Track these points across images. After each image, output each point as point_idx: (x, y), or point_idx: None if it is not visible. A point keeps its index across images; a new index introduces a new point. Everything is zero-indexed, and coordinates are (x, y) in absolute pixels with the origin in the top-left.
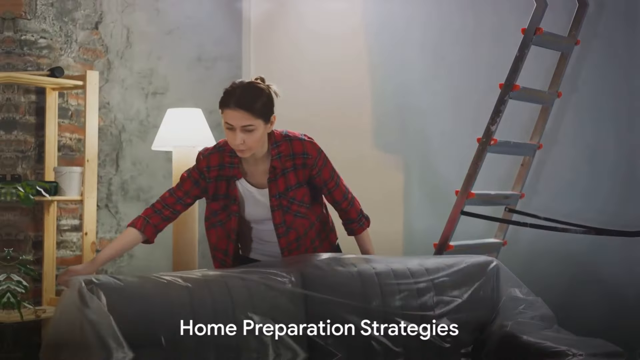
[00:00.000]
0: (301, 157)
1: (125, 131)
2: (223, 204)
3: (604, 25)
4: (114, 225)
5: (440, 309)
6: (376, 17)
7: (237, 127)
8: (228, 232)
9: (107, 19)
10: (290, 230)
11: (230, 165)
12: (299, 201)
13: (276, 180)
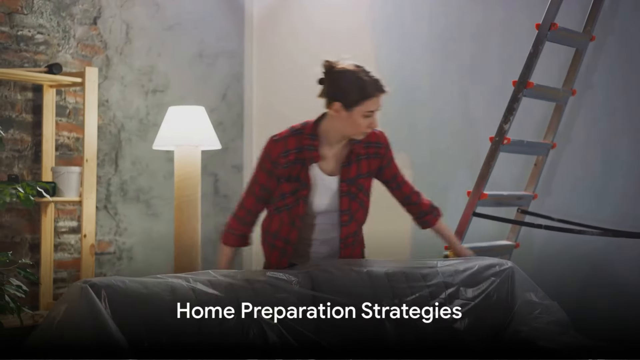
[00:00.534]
0: (374, 146)
1: (125, 130)
2: (294, 187)
3: (619, 21)
4: (113, 227)
5: (455, 311)
6: (383, 12)
7: (376, 110)
8: (293, 218)
9: (106, 14)
10: (352, 220)
11: (310, 148)
12: (365, 191)
13: (349, 166)
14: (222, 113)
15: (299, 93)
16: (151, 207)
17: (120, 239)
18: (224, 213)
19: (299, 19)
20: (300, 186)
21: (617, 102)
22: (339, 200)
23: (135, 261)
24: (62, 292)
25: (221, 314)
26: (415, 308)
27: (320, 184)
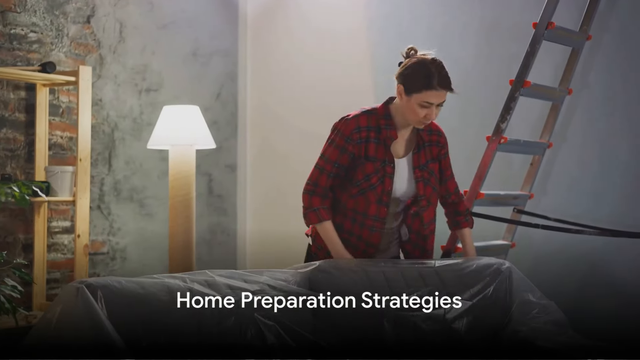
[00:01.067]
0: (436, 134)
1: (118, 129)
2: (377, 166)
3: (615, 20)
4: (106, 227)
5: (452, 313)
6: (380, 11)
7: (435, 104)
8: (380, 196)
9: (100, 13)
10: (429, 205)
11: (387, 127)
12: (435, 175)
13: (419, 152)
14: (216, 112)
15: (294, 92)
16: (145, 207)
17: (113, 239)
18: (218, 213)
19: (295, 18)
20: (384, 164)
21: (613, 101)
22: (416, 186)
23: (129, 261)
24: (55, 292)
25: (219, 313)
26: (414, 308)
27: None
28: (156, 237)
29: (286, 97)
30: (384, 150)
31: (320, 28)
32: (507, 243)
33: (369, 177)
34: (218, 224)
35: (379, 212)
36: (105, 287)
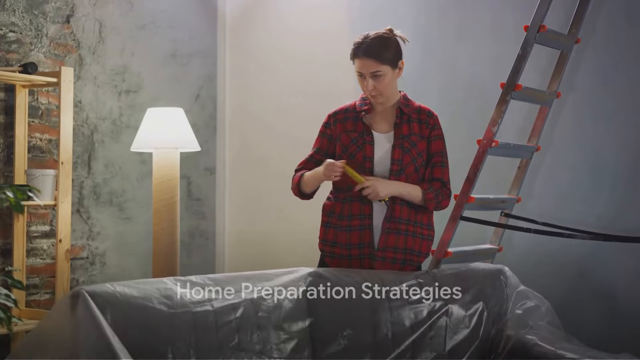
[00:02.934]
0: (426, 114)
1: (98, 131)
2: (354, 137)
3: (601, 23)
4: (85, 232)
5: (451, 317)
6: (362, 12)
7: (366, 74)
8: (362, 162)
9: (79, 12)
10: (402, 174)
11: (362, 105)
12: (419, 151)
13: (401, 126)
14: (195, 114)
15: (274, 94)
16: (124, 211)
17: (93, 243)
18: (197, 217)
19: (274, 19)
20: (360, 135)
21: (599, 104)
22: (392, 151)
23: (108, 266)
24: (34, 299)
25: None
26: (411, 312)
27: (375, 138)
28: (136, 241)
29: (266, 99)
30: (361, 124)
31: (300, 29)
32: (495, 247)
33: (347, 148)
34: (197, 228)
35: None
36: (104, 294)
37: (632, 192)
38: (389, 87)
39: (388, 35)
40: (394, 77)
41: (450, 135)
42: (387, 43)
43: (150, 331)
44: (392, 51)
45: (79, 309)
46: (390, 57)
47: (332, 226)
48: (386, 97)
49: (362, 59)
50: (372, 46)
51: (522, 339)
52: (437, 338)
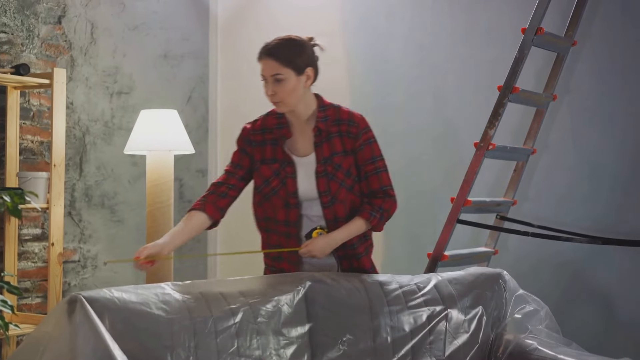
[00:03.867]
0: (346, 123)
1: (89, 133)
2: (274, 169)
3: (597, 26)
4: (77, 235)
5: (450, 322)
6: (355, 13)
7: (267, 77)
8: (285, 200)
9: (71, 13)
10: (336, 201)
11: (278, 127)
12: (346, 170)
13: (321, 145)
14: (187, 116)
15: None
16: (116, 213)
17: (84, 246)
18: None
19: (266, 20)
20: (283, 165)
21: (595, 107)
22: (316, 182)
23: (100, 269)
24: (25, 302)
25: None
26: (410, 316)
27: (298, 167)
28: (128, 244)
29: (258, 100)
30: (281, 151)
31: (293, 29)
32: (490, 250)
33: (268, 182)
34: None
35: (288, 216)
36: (102, 299)
37: (629, 195)
38: (291, 95)
39: (299, 39)
40: (299, 84)
41: (442, 137)
42: (295, 45)
43: (150, 337)
44: (299, 54)
45: (77, 315)
46: (295, 60)
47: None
48: (288, 105)
49: (264, 60)
50: (276, 47)
51: (521, 344)
52: (436, 343)
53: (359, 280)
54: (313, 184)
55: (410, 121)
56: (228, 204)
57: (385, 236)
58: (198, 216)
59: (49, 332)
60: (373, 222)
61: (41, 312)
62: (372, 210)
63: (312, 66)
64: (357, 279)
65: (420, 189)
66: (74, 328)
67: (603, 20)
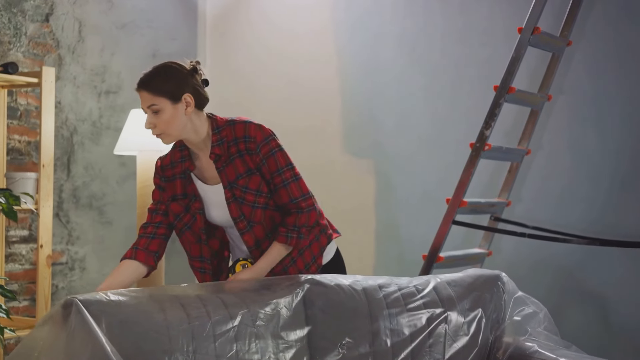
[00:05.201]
0: (243, 140)
1: (77, 133)
2: (184, 204)
3: (591, 26)
4: (64, 237)
5: (450, 324)
6: (347, 12)
7: (144, 109)
8: (197, 235)
9: (58, 11)
10: (253, 224)
11: (182, 160)
12: (255, 190)
13: (224, 170)
14: None
15: (256, 95)
16: (104, 214)
17: (72, 248)
18: None
19: (257, 19)
20: (190, 200)
21: (589, 107)
22: (228, 208)
23: (88, 272)
24: (13, 305)
25: (215, 327)
26: (409, 319)
27: (207, 196)
28: (116, 245)
29: (247, 101)
30: (189, 185)
31: (285, 28)
32: (484, 251)
33: (180, 217)
34: None
35: (202, 252)
36: (98, 303)
37: (624, 196)
38: (170, 125)
39: (175, 65)
40: (177, 113)
41: (434, 138)
42: (165, 72)
43: (148, 341)
44: (171, 82)
45: (72, 319)
46: (167, 88)
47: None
48: (172, 136)
49: (139, 92)
50: (147, 77)
51: (521, 346)
52: (436, 346)
53: (357, 282)
54: (226, 211)
55: (402, 122)
56: (161, 245)
57: (376, 238)
58: (129, 265)
59: (43, 338)
60: (292, 243)
61: (29, 316)
62: (287, 232)
63: (190, 92)
64: (356, 280)
65: (413, 190)
66: (69, 333)
67: (597, 20)
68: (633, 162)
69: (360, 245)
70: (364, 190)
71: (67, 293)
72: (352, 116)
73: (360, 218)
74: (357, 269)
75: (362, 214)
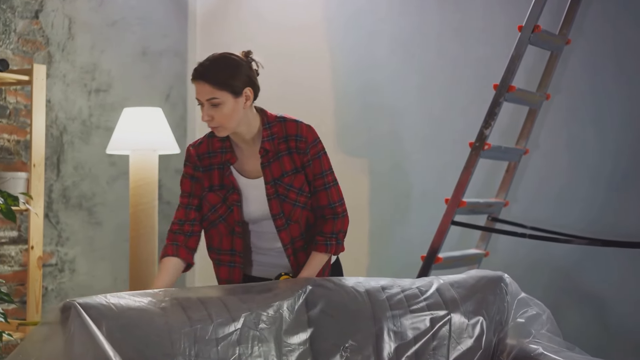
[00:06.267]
0: (294, 139)
1: (67, 132)
2: (222, 195)
3: (588, 25)
4: (54, 237)
5: (453, 326)
6: (340, 8)
7: (203, 101)
8: (231, 227)
9: (48, 7)
10: (290, 222)
11: (222, 151)
12: (298, 189)
13: (270, 165)
14: (165, 114)
15: None
16: (94, 215)
17: (62, 249)
18: (168, 221)
19: (248, 16)
20: (228, 192)
21: (587, 106)
22: (269, 204)
23: (78, 273)
24: (1, 308)
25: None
26: (413, 321)
27: (245, 189)
28: (106, 247)
29: None
30: (227, 177)
31: (276, 26)
32: (482, 252)
33: (215, 209)
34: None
35: (233, 245)
36: (98, 306)
37: (622, 196)
38: (230, 119)
39: (235, 57)
40: (237, 107)
41: (429, 137)
42: (230, 65)
43: (149, 345)
44: (235, 75)
45: (72, 323)
46: (232, 82)
47: None
48: (228, 129)
49: (197, 83)
50: (209, 68)
51: (525, 349)
52: (440, 348)
53: (360, 284)
54: (265, 206)
55: (397, 121)
56: (197, 242)
57: (372, 239)
58: (174, 263)
59: (41, 343)
60: (332, 251)
61: (18, 319)
62: (325, 240)
63: (251, 85)
64: (358, 282)
65: (409, 190)
66: (69, 337)
67: (595, 18)
68: (632, 161)
69: (353, 246)
70: (357, 189)
71: (56, 295)
72: (345, 115)
73: (353, 218)
74: (351, 270)
75: (355, 214)
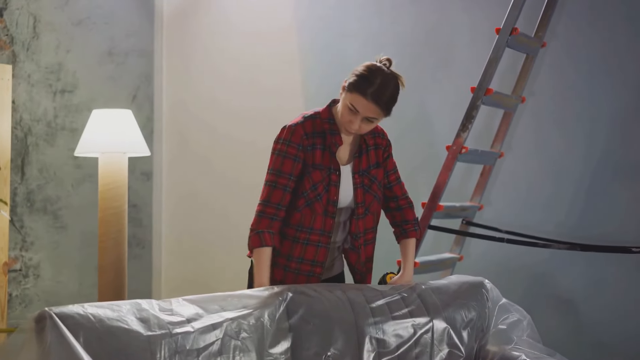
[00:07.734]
0: (379, 136)
1: (32, 134)
2: (324, 174)
3: (563, 27)
4: (18, 242)
5: (435, 333)
6: (311, 12)
7: (361, 114)
8: (326, 206)
9: (13, 5)
10: (367, 213)
11: (331, 132)
12: (379, 182)
13: (361, 157)
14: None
15: (215, 94)
16: (59, 219)
17: (26, 254)
18: (134, 224)
19: (216, 16)
20: (329, 172)
21: (559, 109)
22: (354, 193)
23: (42, 279)
24: None
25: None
26: (395, 328)
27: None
28: (71, 252)
29: (206, 99)
30: (329, 157)
31: (245, 28)
32: (456, 256)
33: (315, 187)
34: (133, 236)
35: (324, 225)
36: (75, 315)
37: (592, 199)
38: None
39: (398, 80)
40: None
41: (402, 141)
42: (397, 92)
43: (129, 356)
44: (395, 99)
45: (47, 334)
46: (393, 107)
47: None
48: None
49: (367, 102)
50: (382, 94)
51: (508, 355)
52: (422, 356)
53: (341, 290)
54: (351, 194)
55: None
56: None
57: None
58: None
59: (14, 355)
60: (419, 235)
61: None
62: (414, 226)
63: None
64: (339, 289)
65: None
66: (45, 349)
67: (568, 21)
68: (604, 165)
69: None
70: None
71: (21, 302)
72: None
73: None
74: None
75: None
